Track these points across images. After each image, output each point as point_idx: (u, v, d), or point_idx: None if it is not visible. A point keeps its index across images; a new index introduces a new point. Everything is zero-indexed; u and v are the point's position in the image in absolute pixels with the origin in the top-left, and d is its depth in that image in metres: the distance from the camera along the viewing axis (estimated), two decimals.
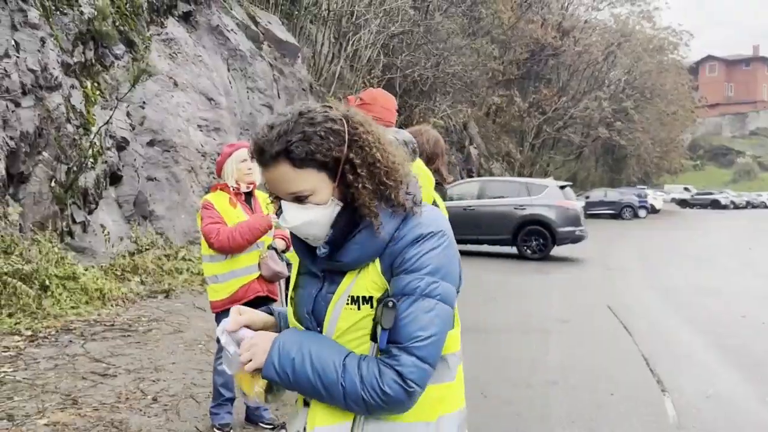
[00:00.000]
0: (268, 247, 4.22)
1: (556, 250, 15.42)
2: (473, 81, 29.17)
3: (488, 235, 15.24)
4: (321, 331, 1.50)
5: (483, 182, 17.00)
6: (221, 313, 4.09)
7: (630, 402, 5.15)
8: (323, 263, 1.52)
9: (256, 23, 16.11)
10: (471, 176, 27.44)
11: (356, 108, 3.29)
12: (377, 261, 1.47)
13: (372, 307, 1.45)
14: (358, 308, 1.45)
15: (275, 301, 4.36)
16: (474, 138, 32.59)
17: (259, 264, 4.13)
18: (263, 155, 1.45)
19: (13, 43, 8.12)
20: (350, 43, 21.82)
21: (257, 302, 4.16)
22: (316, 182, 1.45)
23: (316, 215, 1.46)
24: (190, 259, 10.32)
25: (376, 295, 1.45)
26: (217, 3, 14.58)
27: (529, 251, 15.08)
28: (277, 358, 1.43)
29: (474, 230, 14.97)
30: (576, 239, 15.23)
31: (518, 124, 38.82)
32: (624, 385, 5.58)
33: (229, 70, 14.15)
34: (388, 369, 1.39)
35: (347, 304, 1.46)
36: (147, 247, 10.00)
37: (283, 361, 1.43)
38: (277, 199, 1.51)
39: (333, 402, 1.42)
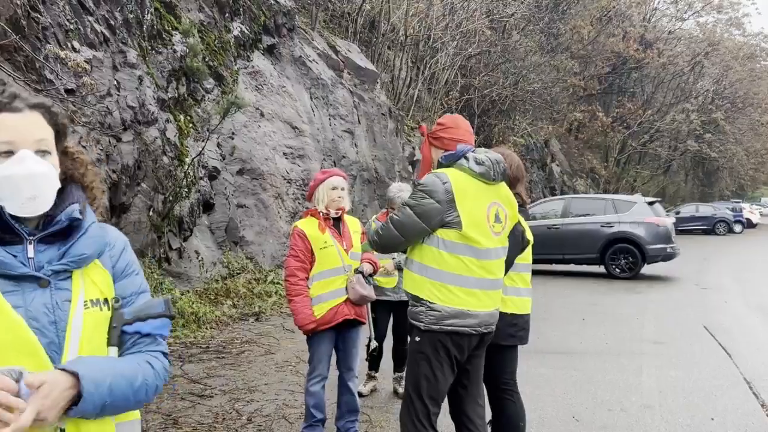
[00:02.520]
0: (355, 271, 4.33)
1: (647, 269, 14.86)
2: (553, 98, 28.76)
3: (574, 254, 14.89)
4: (65, 341, 1.42)
5: (567, 200, 16.66)
6: (312, 336, 4.21)
7: (732, 428, 4.90)
8: (51, 262, 1.46)
9: (337, 52, 16.56)
10: (554, 194, 26.92)
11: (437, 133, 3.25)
12: (98, 261, 1.54)
13: (110, 308, 1.51)
14: (100, 309, 1.49)
15: (363, 323, 4.46)
16: (556, 155, 32.01)
17: (346, 287, 4.25)
18: (18, 100, 1.47)
19: (114, 82, 8.70)
20: (427, 66, 22.03)
21: (345, 325, 4.27)
22: (53, 144, 1.53)
23: (52, 170, 1.48)
24: (278, 283, 10.62)
25: (109, 295, 1.53)
26: (299, 35, 15.10)
27: (617, 270, 14.62)
28: (94, 390, 1.36)
29: (559, 249, 14.67)
30: (667, 257, 14.64)
31: (602, 140, 37.84)
32: (725, 409, 5.31)
33: (311, 98, 14.58)
34: (160, 354, 1.58)
35: (87, 307, 1.46)
36: (238, 272, 10.39)
37: (101, 390, 1.37)
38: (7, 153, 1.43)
39: (137, 406, 1.52)
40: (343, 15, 19.37)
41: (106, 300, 1.52)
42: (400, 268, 5.51)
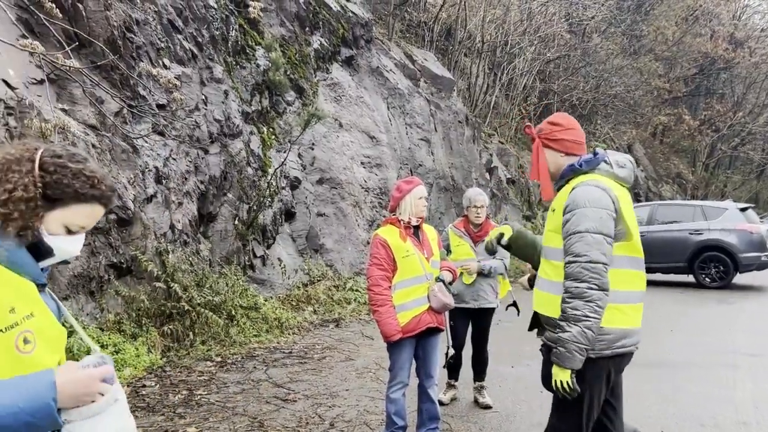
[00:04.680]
0: (436, 279, 4.36)
1: (739, 278, 14.13)
2: (636, 101, 27.88)
3: (661, 262, 14.34)
4: None
5: (653, 207, 16.07)
6: (393, 343, 4.26)
7: None
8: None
9: (413, 61, 16.66)
10: (638, 200, 26.02)
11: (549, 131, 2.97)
12: None
13: None
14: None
15: (442, 331, 4.47)
16: (640, 160, 30.94)
17: (428, 296, 4.28)
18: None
19: (202, 97, 9.10)
20: (505, 72, 21.82)
21: (425, 332, 4.30)
22: None
23: None
24: (357, 290, 10.78)
25: None
26: (377, 45, 15.30)
27: (708, 279, 13.98)
28: None
29: (645, 258, 14.14)
30: (762, 266, 13.87)
31: (689, 144, 36.29)
32: None
33: (388, 108, 14.73)
34: None
35: None
36: (318, 279, 10.60)
37: None
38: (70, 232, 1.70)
39: None
40: (419, 24, 19.48)
41: None
42: (481, 273, 5.48)
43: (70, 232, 1.69)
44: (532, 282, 4.44)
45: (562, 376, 2.73)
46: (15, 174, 1.59)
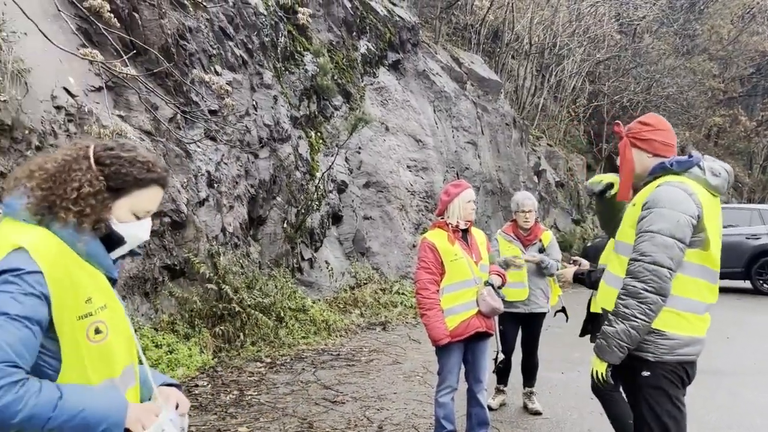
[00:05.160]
0: (485, 283, 4.34)
1: None
2: (690, 102, 27.13)
3: None
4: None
5: None
6: (442, 347, 4.25)
7: None
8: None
9: (460, 64, 16.61)
10: None
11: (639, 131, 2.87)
12: None
13: None
14: None
15: (491, 336, 4.44)
16: None
17: (477, 300, 4.26)
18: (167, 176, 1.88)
19: (252, 102, 9.26)
20: (553, 74, 21.55)
21: (474, 337, 4.28)
22: None
23: None
24: (403, 293, 10.80)
25: None
26: (423, 49, 15.31)
27: (765, 285, 13.51)
28: None
29: None
30: None
31: (745, 145, 35.08)
32: None
33: (435, 111, 14.72)
34: None
35: None
36: (365, 282, 10.66)
37: None
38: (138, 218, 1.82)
39: None
40: (466, 27, 19.41)
41: None
42: (539, 266, 5.42)
43: (137, 218, 1.80)
44: (577, 276, 4.38)
45: (598, 367, 2.77)
46: (77, 172, 1.68)
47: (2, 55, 5.48)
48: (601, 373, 2.76)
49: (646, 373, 2.71)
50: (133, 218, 1.78)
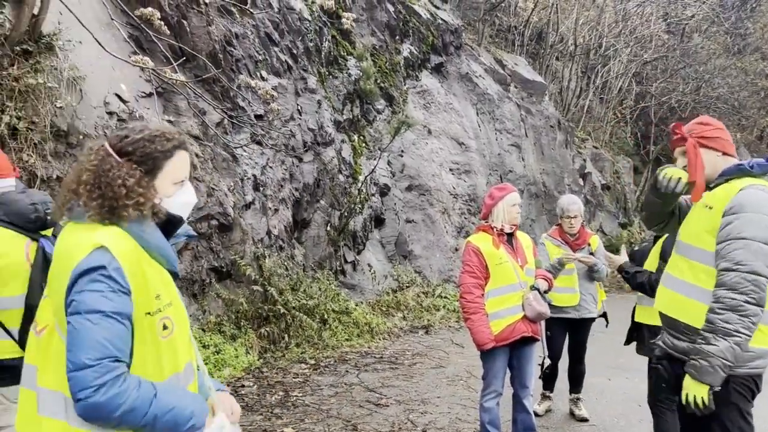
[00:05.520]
0: (531, 288, 4.29)
1: None
2: (741, 103, 26.30)
3: None
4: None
5: None
6: (486, 351, 4.22)
7: None
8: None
9: (503, 66, 16.49)
10: None
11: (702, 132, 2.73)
12: None
13: None
14: None
15: (538, 341, 4.39)
16: None
17: (522, 304, 4.22)
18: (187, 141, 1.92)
19: (297, 107, 9.38)
20: (599, 75, 21.19)
21: (520, 342, 4.24)
22: None
23: None
24: (446, 297, 10.77)
25: None
26: (466, 51, 15.26)
27: None
28: None
29: None
30: None
31: None
32: None
33: (477, 114, 14.65)
34: None
35: None
36: (407, 285, 10.67)
37: None
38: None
39: None
40: (509, 29, 19.26)
41: None
42: (590, 269, 5.32)
43: (177, 186, 1.89)
44: (623, 270, 4.27)
45: (697, 391, 2.51)
46: (112, 171, 1.76)
47: (59, 63, 5.67)
48: (702, 398, 2.50)
49: (716, 389, 2.52)
50: (175, 188, 1.86)
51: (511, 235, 4.37)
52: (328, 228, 9.65)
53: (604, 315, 5.57)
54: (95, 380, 1.52)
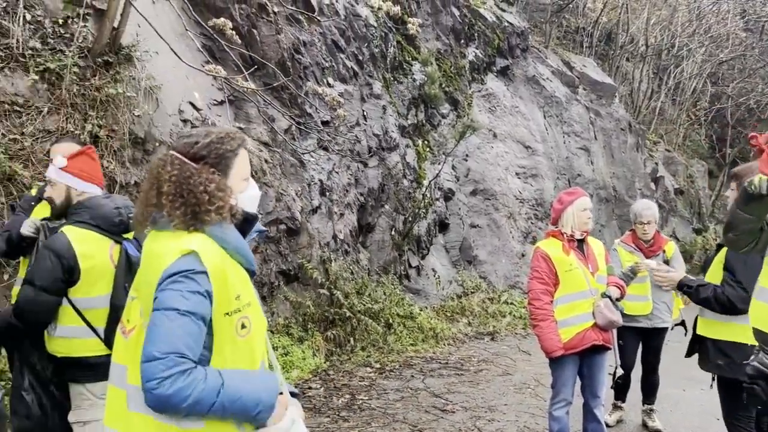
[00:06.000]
0: (602, 295, 4.18)
1: None
2: None
3: None
4: None
5: None
6: (556, 359, 4.13)
7: None
8: None
9: (571, 68, 16.18)
10: None
11: None
12: None
13: None
14: None
15: (609, 349, 4.28)
16: None
17: (593, 312, 4.11)
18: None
19: (362, 113, 9.46)
20: (671, 76, 20.50)
21: (590, 350, 4.13)
22: None
23: None
24: (512, 303, 10.62)
25: None
26: (533, 54, 15.05)
27: None
28: None
29: None
30: None
31: None
32: None
33: (545, 117, 14.41)
34: None
35: None
36: (472, 291, 10.58)
37: None
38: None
39: None
40: (577, 30, 18.89)
41: None
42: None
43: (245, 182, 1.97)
44: (684, 285, 3.99)
45: None
46: (192, 178, 1.82)
47: (136, 73, 5.91)
48: None
49: None
50: (244, 183, 1.94)
51: (582, 241, 4.27)
52: (393, 233, 9.68)
53: (682, 323, 5.35)
54: (161, 372, 1.59)
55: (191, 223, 1.77)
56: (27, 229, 3.14)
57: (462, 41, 12.86)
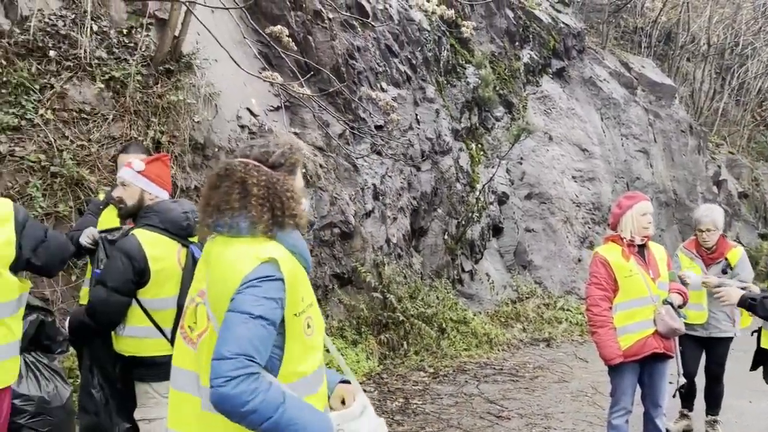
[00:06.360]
0: (664, 302, 4.07)
1: None
2: None
3: None
4: None
5: None
6: (615, 367, 4.04)
7: None
8: None
9: (629, 69, 15.81)
10: None
11: None
12: None
13: None
14: None
15: (671, 358, 4.15)
16: None
17: (654, 319, 4.01)
18: None
19: (415, 117, 9.46)
20: (735, 76, 19.78)
21: (651, 358, 4.03)
22: None
23: None
24: (568, 309, 10.43)
25: None
26: (589, 55, 14.77)
27: None
28: None
29: None
30: None
31: None
32: None
33: (602, 119, 14.12)
34: None
35: None
36: (527, 296, 10.43)
37: None
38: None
39: None
40: (635, 30, 18.44)
41: None
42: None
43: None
44: (746, 301, 3.78)
45: None
46: (278, 184, 1.88)
47: (196, 80, 6.07)
48: None
49: None
50: (304, 191, 2.02)
51: (643, 246, 4.16)
52: (446, 237, 9.64)
53: (759, 331, 5.13)
54: (230, 372, 1.62)
55: (273, 229, 1.84)
56: (85, 239, 3.29)
57: (516, 43, 12.73)
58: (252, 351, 1.66)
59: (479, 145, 11.27)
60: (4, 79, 4.78)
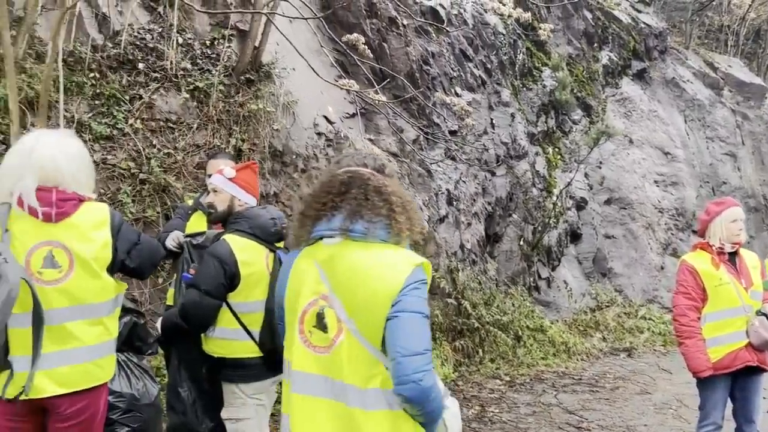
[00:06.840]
0: (757, 313, 3.86)
1: None
2: None
3: None
4: None
5: None
6: (704, 380, 3.85)
7: None
8: None
9: (715, 69, 15.13)
10: None
11: None
12: None
13: None
14: None
15: (766, 371, 3.93)
16: None
17: (747, 330, 3.80)
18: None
19: (490, 121, 9.37)
20: None
21: (743, 371, 3.82)
22: None
23: None
24: (650, 318, 10.06)
25: None
26: (672, 55, 14.24)
27: None
28: None
29: None
30: None
31: None
32: None
33: (686, 121, 13.57)
34: None
35: None
36: (607, 304, 10.13)
37: None
38: None
39: None
40: (720, 28, 17.64)
41: None
42: None
43: None
44: None
45: None
46: (406, 195, 2.00)
47: (275, 89, 6.23)
48: None
49: None
50: None
51: (734, 254, 3.96)
52: (521, 243, 9.49)
53: None
54: (425, 366, 1.76)
55: (399, 236, 1.92)
56: (170, 242, 3.42)
57: (595, 45, 12.42)
58: (429, 346, 1.83)
59: (556, 149, 11.04)
60: (98, 90, 5.05)
